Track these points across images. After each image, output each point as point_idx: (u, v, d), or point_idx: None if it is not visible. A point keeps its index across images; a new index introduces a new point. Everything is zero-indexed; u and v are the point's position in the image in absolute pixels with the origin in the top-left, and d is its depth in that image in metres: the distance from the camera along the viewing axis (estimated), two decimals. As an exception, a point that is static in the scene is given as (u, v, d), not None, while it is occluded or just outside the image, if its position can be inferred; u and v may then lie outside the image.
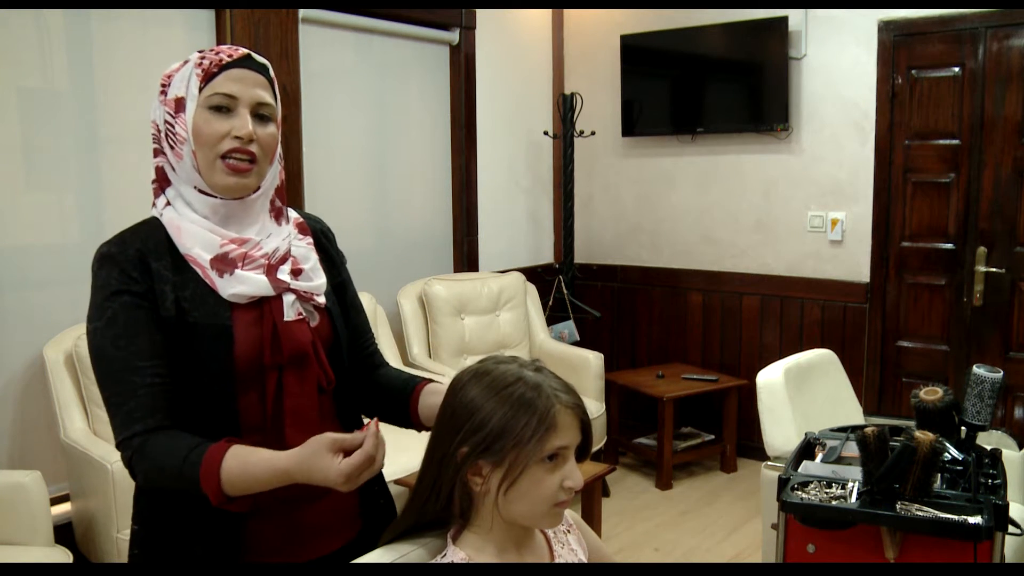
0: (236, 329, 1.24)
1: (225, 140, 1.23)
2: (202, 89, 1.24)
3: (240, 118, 1.24)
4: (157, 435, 1.19)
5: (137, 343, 1.20)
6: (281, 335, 1.26)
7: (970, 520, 1.64)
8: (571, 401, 1.15)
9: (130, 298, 1.21)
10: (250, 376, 1.25)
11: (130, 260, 1.22)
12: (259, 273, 1.27)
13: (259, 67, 1.28)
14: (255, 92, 1.26)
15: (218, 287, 1.24)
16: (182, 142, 1.24)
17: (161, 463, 1.18)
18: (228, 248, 1.25)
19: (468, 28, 4.29)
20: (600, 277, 4.90)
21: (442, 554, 1.19)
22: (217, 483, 1.15)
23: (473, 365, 1.20)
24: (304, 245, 1.36)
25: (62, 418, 2.72)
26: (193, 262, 1.24)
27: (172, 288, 1.23)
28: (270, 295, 1.27)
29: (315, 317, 1.33)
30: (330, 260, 1.43)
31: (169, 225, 1.26)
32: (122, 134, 3.05)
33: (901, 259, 3.97)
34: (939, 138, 3.82)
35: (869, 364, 4.07)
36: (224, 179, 1.24)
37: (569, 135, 4.51)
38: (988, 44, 3.65)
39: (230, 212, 1.27)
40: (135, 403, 1.19)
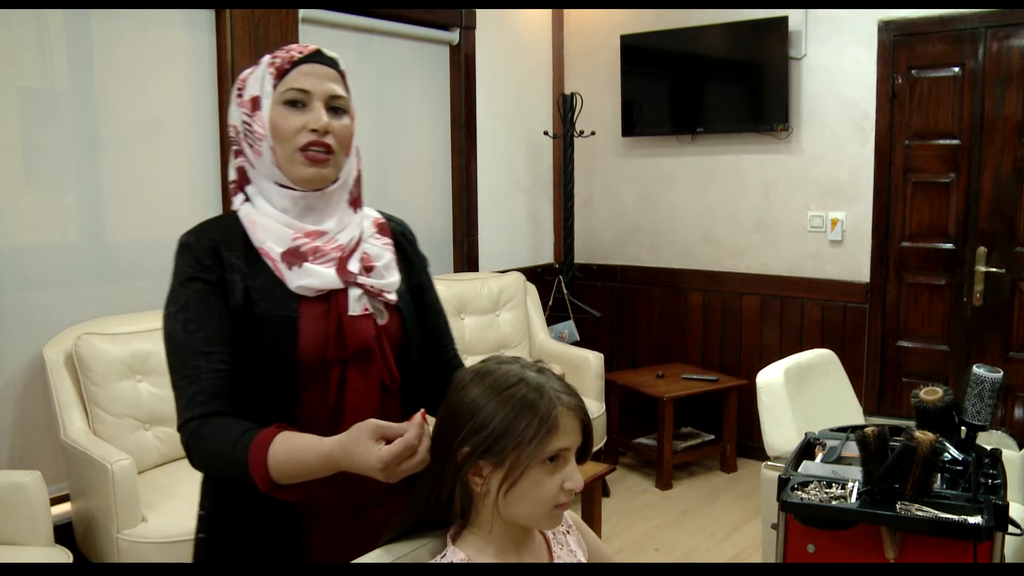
0: (301, 321, 1.25)
1: (302, 133, 1.26)
2: (276, 86, 1.27)
3: (314, 111, 1.27)
4: (215, 419, 1.20)
5: (206, 329, 1.23)
6: (345, 329, 1.27)
7: (970, 520, 1.64)
8: (573, 403, 1.15)
9: (203, 285, 1.24)
10: (314, 370, 1.26)
11: (204, 249, 1.26)
12: (329, 267, 1.28)
13: (329, 61, 1.31)
14: (327, 85, 1.29)
15: (287, 279, 1.26)
16: (260, 139, 1.27)
17: (214, 447, 1.19)
18: (300, 241, 1.28)
19: (468, 28, 4.29)
20: (600, 277, 4.90)
21: (442, 554, 1.19)
22: (264, 468, 1.15)
23: (475, 365, 1.20)
24: (380, 244, 1.37)
25: (62, 418, 2.72)
26: (265, 255, 1.27)
27: (242, 278, 1.25)
28: (338, 288, 1.28)
29: (383, 315, 1.33)
30: (409, 262, 1.43)
31: (245, 219, 1.29)
32: (122, 134, 3.05)
33: (901, 259, 3.97)
34: (939, 138, 3.82)
35: (869, 364, 4.07)
36: (303, 171, 1.27)
37: (569, 135, 4.51)
38: (988, 44, 3.65)
39: (309, 204, 1.29)
40: (198, 387, 1.21)
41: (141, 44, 3.08)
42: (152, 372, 2.82)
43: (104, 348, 2.76)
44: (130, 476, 2.48)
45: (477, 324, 4.07)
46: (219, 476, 1.27)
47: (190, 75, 3.22)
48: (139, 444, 2.77)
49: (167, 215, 3.17)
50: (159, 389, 2.83)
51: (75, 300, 2.96)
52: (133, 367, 2.80)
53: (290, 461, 1.15)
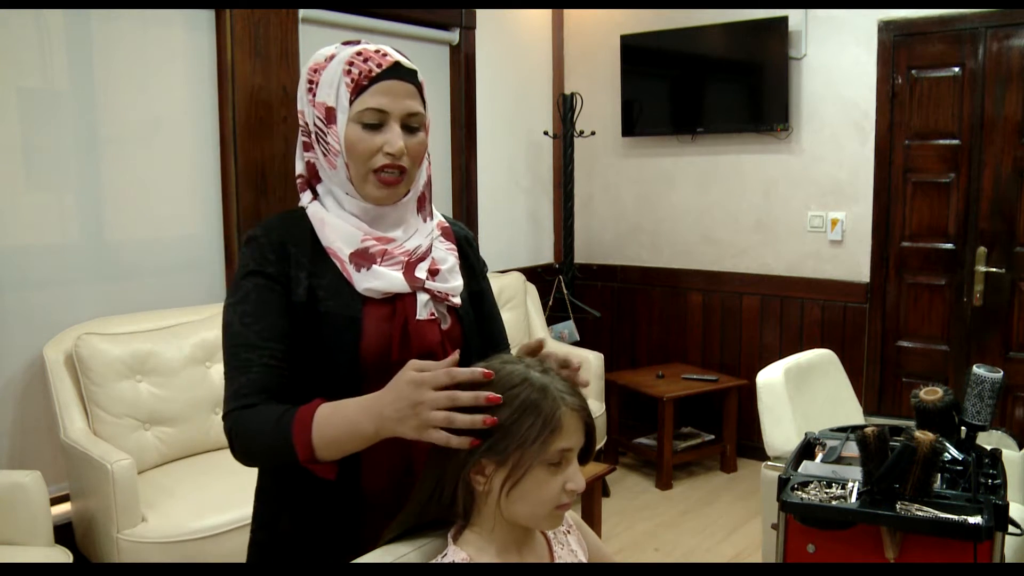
0: (366, 322, 1.25)
1: (377, 156, 1.25)
2: (352, 102, 1.24)
3: (391, 132, 1.24)
4: (256, 408, 1.19)
5: (262, 322, 1.22)
6: (411, 333, 1.27)
7: (970, 520, 1.64)
8: (577, 404, 1.15)
9: (264, 280, 1.24)
10: (377, 372, 1.24)
11: (271, 244, 1.25)
12: (396, 270, 1.28)
13: (408, 74, 1.27)
14: (405, 104, 1.26)
15: (354, 280, 1.26)
16: (336, 154, 1.26)
17: (257, 425, 1.18)
18: (369, 244, 1.27)
19: (468, 28, 4.29)
20: (600, 277, 4.90)
21: (442, 554, 1.19)
22: (308, 433, 1.14)
23: (479, 364, 1.20)
24: (444, 249, 1.37)
25: (62, 418, 2.72)
26: (333, 255, 1.26)
27: (308, 275, 1.25)
28: (404, 292, 1.28)
29: (447, 320, 1.33)
30: (470, 267, 1.43)
31: (314, 217, 1.28)
32: (122, 134, 3.05)
33: (901, 259, 3.97)
34: (939, 138, 3.82)
35: (869, 364, 4.07)
36: (375, 192, 1.27)
37: (569, 135, 4.51)
38: (988, 44, 3.65)
39: (380, 214, 1.30)
40: (247, 379, 1.21)
41: (141, 44, 3.08)
42: (152, 372, 2.82)
43: (104, 348, 2.76)
44: (130, 476, 2.48)
45: (477, 324, 4.07)
46: (260, 462, 1.25)
47: (190, 75, 3.22)
48: (139, 444, 2.77)
49: (167, 215, 3.17)
50: (159, 389, 2.83)
51: (75, 300, 2.96)
52: (133, 367, 2.80)
53: (332, 417, 1.14)
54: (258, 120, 3.31)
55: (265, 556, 1.33)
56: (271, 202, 3.36)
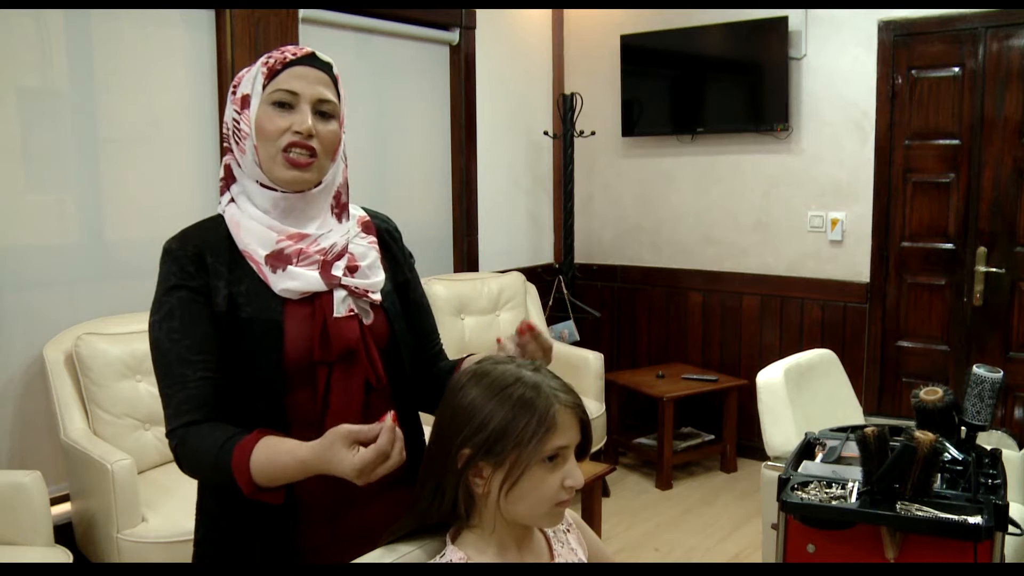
0: (287, 324, 1.26)
1: (285, 135, 1.26)
2: (266, 86, 1.27)
3: (301, 114, 1.26)
4: (200, 426, 1.22)
5: (191, 337, 1.24)
6: (330, 331, 1.27)
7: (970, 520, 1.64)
8: (570, 400, 1.15)
9: (187, 293, 1.25)
10: (301, 372, 1.27)
11: (188, 256, 1.26)
12: (312, 269, 1.28)
13: (323, 65, 1.30)
14: (317, 89, 1.28)
15: (271, 282, 1.27)
16: (245, 137, 1.28)
17: (199, 453, 1.21)
18: (284, 244, 1.28)
19: (468, 28, 4.29)
20: (600, 277, 4.90)
21: (441, 554, 1.19)
22: (247, 473, 1.17)
23: (471, 366, 1.20)
24: (365, 243, 1.37)
25: (62, 418, 2.72)
26: (249, 258, 1.27)
27: (226, 284, 1.26)
28: (322, 291, 1.28)
29: (369, 315, 1.33)
30: (394, 259, 1.43)
31: (230, 222, 1.30)
32: (122, 134, 3.05)
33: (901, 259, 3.97)
34: (939, 138, 3.82)
35: (869, 364, 4.07)
36: (284, 172, 1.27)
37: (569, 135, 4.51)
38: (988, 44, 3.65)
39: (290, 205, 1.29)
40: (185, 395, 1.23)
41: (141, 44, 3.08)
42: (152, 372, 2.82)
43: (104, 348, 2.76)
44: (130, 476, 2.48)
45: (477, 324, 4.07)
46: (207, 480, 1.28)
47: (190, 75, 3.22)
48: (139, 444, 2.77)
49: (167, 215, 3.17)
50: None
51: (75, 300, 2.96)
52: (133, 367, 2.80)
53: (271, 466, 1.17)
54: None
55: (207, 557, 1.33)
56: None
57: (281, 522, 1.27)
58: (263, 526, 1.27)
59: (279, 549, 1.28)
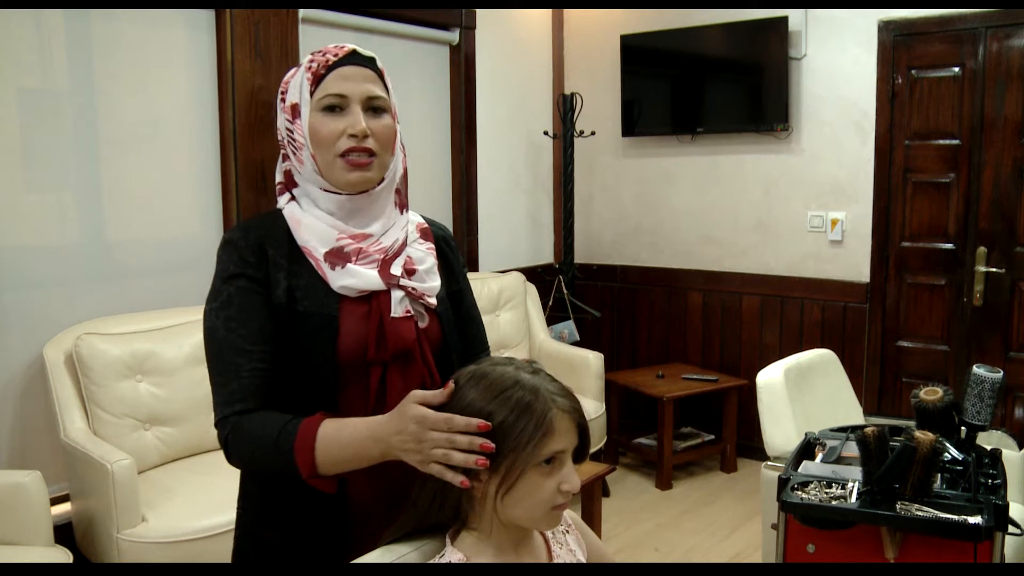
0: (342, 320, 1.25)
1: (341, 139, 1.25)
2: (313, 92, 1.27)
3: (353, 115, 1.26)
4: (253, 415, 1.20)
5: (248, 326, 1.22)
6: (387, 330, 1.27)
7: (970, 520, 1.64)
8: (568, 405, 1.15)
9: (246, 282, 1.24)
10: (354, 370, 1.26)
11: (249, 246, 1.26)
12: (371, 268, 1.28)
13: (366, 61, 1.29)
14: (364, 87, 1.27)
15: (329, 279, 1.26)
16: (301, 147, 1.28)
17: (257, 436, 1.19)
18: (344, 242, 1.27)
19: (468, 28, 4.29)
20: (600, 277, 4.90)
21: (440, 554, 1.19)
22: (311, 450, 1.15)
23: (469, 367, 1.20)
24: (423, 249, 1.37)
25: (62, 418, 2.72)
26: (308, 254, 1.27)
27: (286, 276, 1.25)
28: (380, 290, 1.28)
29: (424, 318, 1.33)
30: (449, 268, 1.44)
31: (290, 218, 1.29)
32: (122, 134, 3.05)
33: (901, 259, 3.97)
34: (939, 138, 3.82)
35: (869, 364, 4.07)
36: (345, 176, 1.26)
37: (569, 135, 4.51)
38: (988, 44, 3.65)
39: (356, 207, 1.29)
40: (238, 384, 1.21)
41: (141, 44, 3.08)
42: (152, 372, 2.83)
43: (104, 348, 2.76)
44: (130, 476, 2.48)
45: (477, 324, 4.07)
46: (258, 469, 1.26)
47: (190, 75, 3.22)
48: (139, 444, 2.77)
49: (167, 215, 3.17)
50: (159, 389, 2.83)
51: (75, 300, 2.96)
52: (133, 367, 2.80)
53: (336, 444, 1.15)
54: (258, 120, 3.31)
55: (250, 564, 1.32)
56: (271, 202, 3.35)
57: (334, 521, 1.26)
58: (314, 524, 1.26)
59: (331, 549, 1.26)
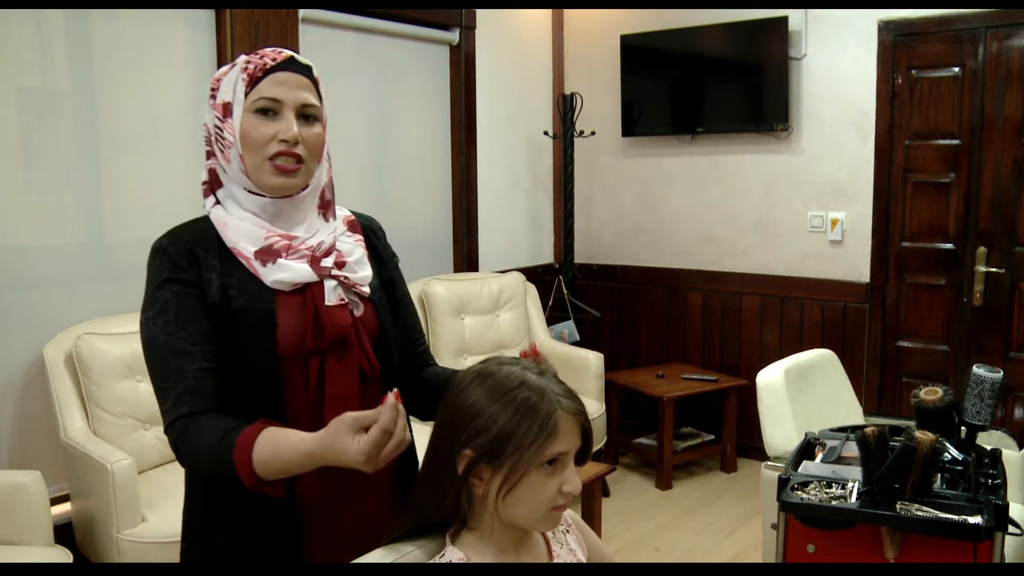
0: (279, 314, 1.27)
1: (271, 143, 1.26)
2: (248, 94, 1.27)
3: (285, 121, 1.27)
4: (201, 417, 1.21)
5: (187, 329, 1.24)
6: (323, 319, 1.28)
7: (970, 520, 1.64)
8: (573, 407, 1.15)
9: (180, 286, 1.25)
10: (294, 361, 1.27)
11: (179, 251, 1.27)
12: (302, 262, 1.29)
13: (303, 69, 1.31)
14: (299, 94, 1.29)
15: (261, 275, 1.27)
16: (229, 146, 1.28)
17: (201, 444, 1.20)
18: (273, 240, 1.29)
19: (468, 28, 4.29)
20: (600, 277, 4.90)
21: (440, 554, 1.19)
22: (250, 464, 1.16)
23: (475, 366, 1.20)
24: (351, 241, 1.38)
25: (62, 418, 2.72)
26: (239, 254, 1.28)
27: (218, 276, 1.26)
28: (312, 281, 1.29)
29: (359, 306, 1.34)
30: (379, 257, 1.45)
31: (217, 222, 1.30)
32: (122, 134, 3.05)
33: (901, 259, 3.97)
34: (939, 138, 3.82)
35: (869, 364, 4.07)
36: (272, 180, 1.28)
37: (569, 135, 4.51)
38: (988, 44, 3.65)
39: (279, 210, 1.31)
40: (183, 387, 1.22)
41: (141, 44, 3.08)
42: (152, 372, 2.82)
43: (104, 348, 2.76)
44: (130, 476, 2.48)
45: (477, 324, 4.07)
46: (207, 473, 1.27)
47: (190, 75, 3.22)
48: (139, 444, 2.77)
49: (167, 215, 3.14)
50: (159, 389, 2.83)
51: (75, 300, 2.96)
52: (133, 367, 2.80)
53: (274, 458, 1.16)
54: (258, 120, 3.31)
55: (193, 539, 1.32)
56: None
57: (283, 525, 1.27)
58: (263, 528, 1.27)
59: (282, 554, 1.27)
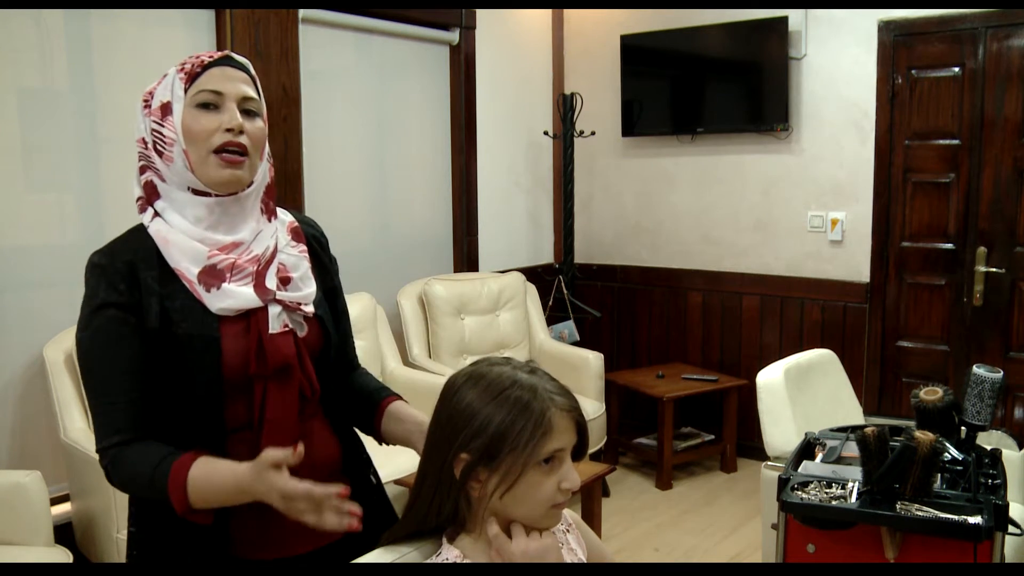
0: (224, 341, 1.26)
1: (216, 134, 1.26)
2: (187, 90, 1.27)
3: (228, 112, 1.27)
4: (132, 446, 1.23)
5: (120, 357, 1.24)
6: (266, 348, 1.27)
7: (970, 520, 1.64)
8: (566, 403, 1.15)
9: (115, 311, 1.24)
10: (237, 385, 1.28)
11: (118, 272, 1.25)
12: (246, 285, 1.28)
13: (240, 65, 1.32)
14: (240, 87, 1.29)
15: (205, 301, 1.25)
16: (171, 144, 1.27)
17: (133, 473, 1.22)
18: (216, 259, 1.27)
19: (468, 28, 4.29)
20: (600, 277, 4.90)
21: (437, 553, 1.19)
22: (183, 496, 1.19)
23: (466, 368, 1.20)
24: (296, 253, 1.37)
25: (62, 418, 2.72)
26: (182, 276, 1.26)
27: (159, 300, 1.25)
28: (257, 307, 1.28)
29: (303, 327, 1.33)
30: (322, 266, 1.44)
31: (157, 237, 1.27)
32: (122, 134, 3.05)
33: (901, 259, 3.97)
34: (939, 138, 3.82)
35: (869, 364, 4.07)
36: (218, 172, 1.26)
37: (569, 135, 4.51)
38: (988, 44, 3.65)
39: (224, 210, 1.29)
40: (115, 414, 1.23)
41: (141, 44, 3.08)
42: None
43: (104, 348, 2.76)
44: (130, 476, 2.48)
45: (477, 324, 4.07)
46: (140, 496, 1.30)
47: (190, 75, 3.22)
48: (139, 444, 2.77)
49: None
50: (159, 389, 2.83)
51: (75, 300, 2.93)
52: (133, 367, 2.80)
53: (207, 490, 1.19)
54: (258, 120, 3.31)
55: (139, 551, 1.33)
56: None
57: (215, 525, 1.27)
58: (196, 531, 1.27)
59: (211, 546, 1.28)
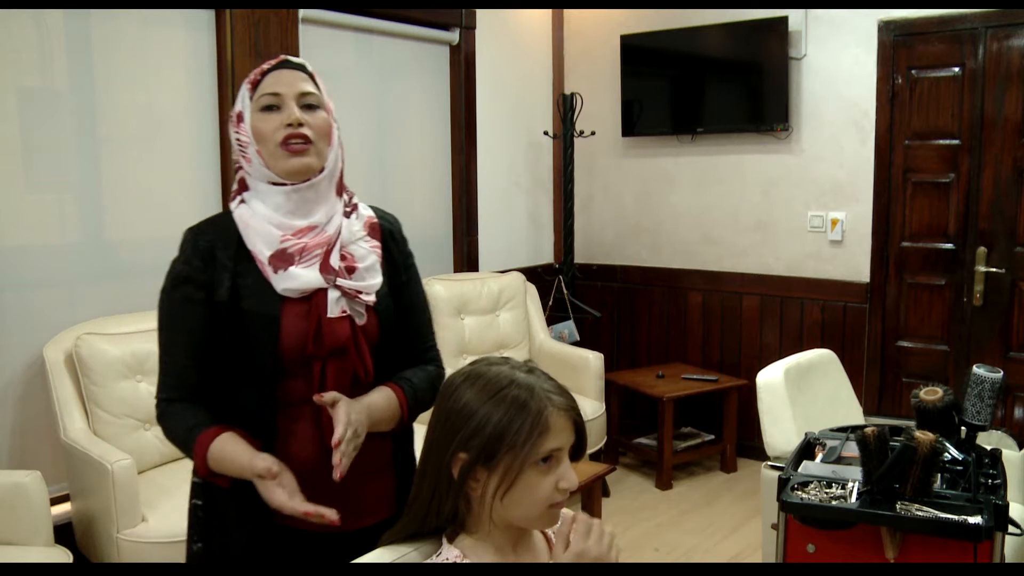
0: (284, 320, 1.39)
1: (279, 131, 1.39)
2: (252, 97, 1.43)
3: (287, 109, 1.40)
4: (175, 405, 1.41)
5: (187, 325, 1.40)
6: (324, 330, 1.40)
7: (970, 520, 1.64)
8: (563, 403, 1.15)
9: (191, 288, 1.39)
10: (296, 363, 1.40)
11: (200, 249, 1.41)
12: (312, 266, 1.40)
13: (297, 66, 1.46)
14: (297, 85, 1.42)
15: (273, 282, 1.39)
16: (247, 146, 1.42)
17: (171, 429, 1.42)
18: (288, 243, 1.40)
19: (468, 28, 4.29)
20: (600, 277, 4.90)
21: (437, 553, 1.19)
22: (204, 461, 1.37)
23: (465, 368, 1.20)
24: (367, 247, 1.48)
25: (62, 418, 2.72)
26: (255, 257, 1.40)
27: (231, 276, 1.40)
28: (319, 288, 1.40)
29: (362, 316, 1.44)
30: (392, 262, 1.53)
31: (239, 221, 1.43)
32: (122, 134, 3.05)
33: (901, 259, 3.97)
34: (939, 138, 3.82)
35: (869, 364, 4.07)
36: (287, 162, 1.39)
37: (569, 135, 4.51)
38: (988, 44, 3.65)
39: (301, 196, 1.41)
40: (173, 374, 1.42)
41: (141, 44, 3.08)
42: (152, 372, 2.81)
43: (104, 348, 2.76)
44: (130, 476, 2.48)
45: (477, 324, 4.07)
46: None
47: (190, 75, 3.22)
48: (139, 444, 2.77)
49: (167, 215, 3.17)
50: (159, 389, 2.83)
51: (75, 300, 2.96)
52: (133, 367, 2.80)
53: (222, 464, 1.36)
54: (258, 120, 3.31)
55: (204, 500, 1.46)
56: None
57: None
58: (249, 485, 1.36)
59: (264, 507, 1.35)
